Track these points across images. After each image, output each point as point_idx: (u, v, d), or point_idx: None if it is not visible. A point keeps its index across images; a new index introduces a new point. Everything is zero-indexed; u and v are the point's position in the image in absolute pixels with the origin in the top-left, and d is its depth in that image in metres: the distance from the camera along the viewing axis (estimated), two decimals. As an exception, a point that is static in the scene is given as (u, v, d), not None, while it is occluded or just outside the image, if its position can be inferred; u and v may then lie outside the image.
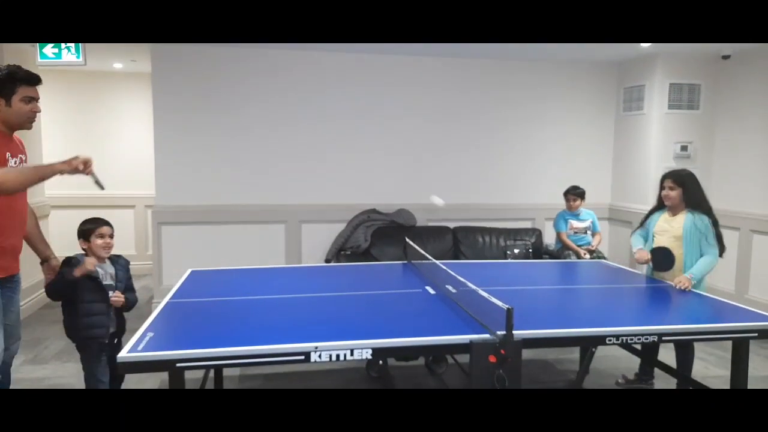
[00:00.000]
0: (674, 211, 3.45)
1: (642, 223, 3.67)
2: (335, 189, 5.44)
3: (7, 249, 2.59)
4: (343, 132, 5.41)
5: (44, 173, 2.50)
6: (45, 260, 2.90)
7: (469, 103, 5.61)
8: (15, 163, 2.58)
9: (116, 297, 2.88)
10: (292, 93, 5.29)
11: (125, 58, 5.85)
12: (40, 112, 2.64)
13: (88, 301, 2.81)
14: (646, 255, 3.44)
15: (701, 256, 3.31)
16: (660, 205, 3.54)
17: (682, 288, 3.17)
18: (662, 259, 3.38)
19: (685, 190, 3.38)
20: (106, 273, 2.91)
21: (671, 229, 3.42)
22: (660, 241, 3.45)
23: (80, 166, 2.51)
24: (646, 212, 3.69)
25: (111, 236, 2.95)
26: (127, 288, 2.98)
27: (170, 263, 5.15)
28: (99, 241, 2.89)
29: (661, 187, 3.48)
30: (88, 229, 2.89)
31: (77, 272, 2.74)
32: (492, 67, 5.60)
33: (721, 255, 3.32)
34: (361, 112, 5.43)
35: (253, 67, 5.20)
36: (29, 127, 2.64)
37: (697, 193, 3.39)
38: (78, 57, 5.06)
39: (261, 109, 5.26)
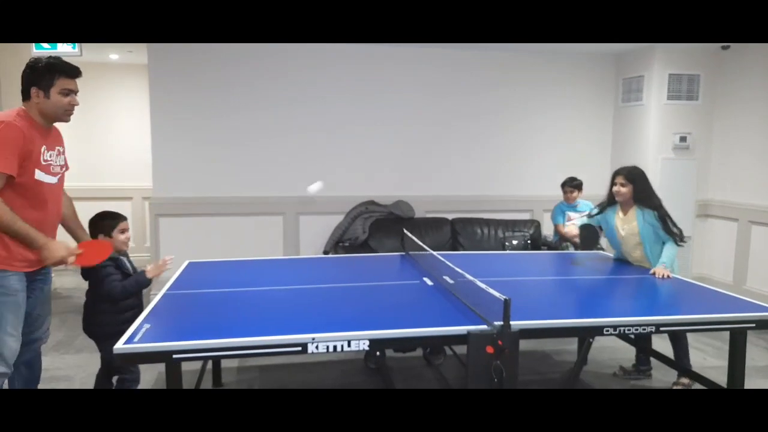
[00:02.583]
0: (625, 208, 3.56)
1: (592, 215, 3.77)
2: (333, 181, 5.41)
3: None
4: (341, 123, 5.38)
5: (25, 238, 2.42)
6: None
7: (467, 94, 5.58)
8: (51, 156, 2.56)
9: (166, 262, 2.92)
10: (289, 84, 5.26)
11: (122, 49, 5.81)
12: (78, 105, 2.60)
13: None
14: (575, 230, 3.67)
15: (663, 245, 3.42)
16: (609, 201, 3.63)
17: (663, 277, 3.28)
18: (588, 236, 3.62)
19: (635, 187, 3.47)
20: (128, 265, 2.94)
21: (628, 228, 3.53)
22: (628, 241, 3.56)
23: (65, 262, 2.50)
24: (600, 204, 3.74)
25: (128, 229, 2.96)
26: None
27: (168, 255, 5.13)
28: (122, 237, 2.88)
29: (612, 183, 3.55)
30: (108, 225, 2.86)
31: (150, 274, 2.82)
32: (489, 59, 5.57)
33: (679, 242, 3.41)
34: (360, 104, 5.40)
35: (250, 59, 5.16)
36: (67, 120, 2.61)
37: (646, 190, 3.48)
38: (74, 48, 5.04)
39: (258, 100, 5.23)
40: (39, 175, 2.48)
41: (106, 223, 2.86)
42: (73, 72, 2.57)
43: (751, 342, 2.98)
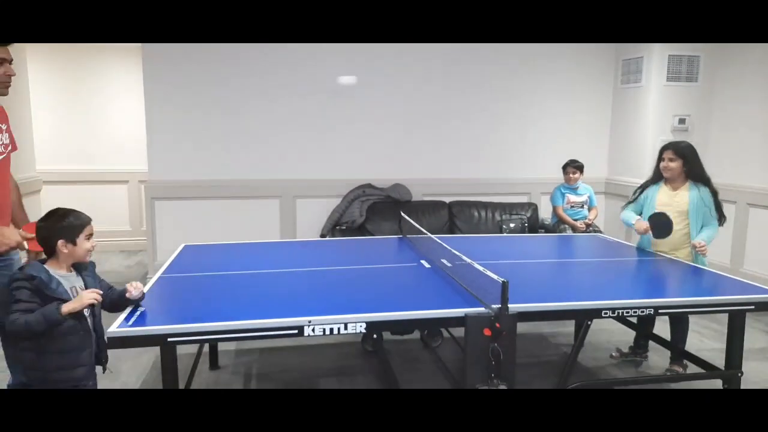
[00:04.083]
0: (674, 184, 3.41)
1: (635, 198, 3.61)
2: (330, 163, 5.39)
3: None
4: (338, 106, 5.33)
5: None
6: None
7: (465, 76, 5.52)
8: None
9: (95, 296, 2.01)
10: (286, 66, 5.19)
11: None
12: (14, 75, 2.36)
13: (63, 333, 1.98)
14: (645, 224, 3.40)
15: (702, 227, 3.33)
16: (656, 178, 3.49)
17: (704, 252, 3.26)
18: (661, 225, 3.33)
19: (686, 162, 3.35)
20: (73, 287, 2.07)
21: (674, 203, 3.37)
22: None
23: None
24: (639, 185, 3.63)
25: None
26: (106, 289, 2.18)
27: (164, 239, 5.12)
28: (88, 244, 2.09)
29: (660, 159, 3.42)
30: (72, 227, 2.05)
31: (66, 308, 1.92)
32: (489, 39, 5.50)
33: (721, 224, 3.36)
34: (357, 86, 5.34)
35: (245, 43, 5.08)
36: (4, 93, 2.38)
37: (698, 165, 3.37)
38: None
39: (255, 82, 5.17)
40: None
41: (68, 225, 2.04)
42: None
43: (749, 324, 2.98)
